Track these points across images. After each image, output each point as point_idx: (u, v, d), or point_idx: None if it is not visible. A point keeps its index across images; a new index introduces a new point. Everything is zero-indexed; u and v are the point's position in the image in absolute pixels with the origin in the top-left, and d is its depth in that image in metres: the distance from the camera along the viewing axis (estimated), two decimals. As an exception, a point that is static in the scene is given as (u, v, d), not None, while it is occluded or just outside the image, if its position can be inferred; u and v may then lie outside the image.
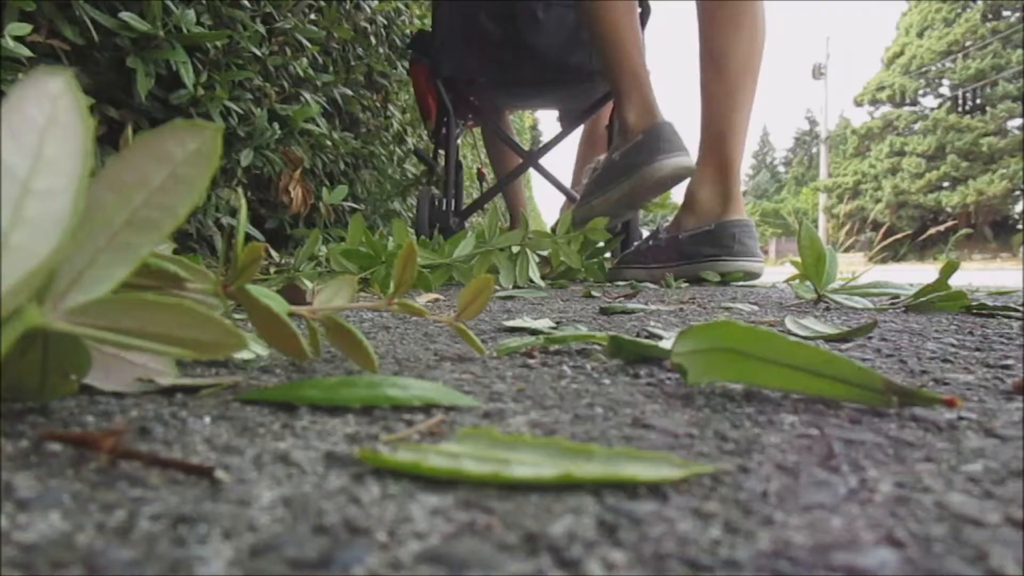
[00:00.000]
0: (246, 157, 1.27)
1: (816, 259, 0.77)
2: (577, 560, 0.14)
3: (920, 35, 19.82)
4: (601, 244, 1.50)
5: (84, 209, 0.21)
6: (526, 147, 2.63)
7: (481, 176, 2.72)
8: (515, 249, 1.20)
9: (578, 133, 2.39)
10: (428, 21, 2.08)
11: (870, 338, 0.50)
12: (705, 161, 1.40)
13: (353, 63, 1.81)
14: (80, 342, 0.24)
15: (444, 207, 1.89)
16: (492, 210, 1.28)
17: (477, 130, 2.72)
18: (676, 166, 1.35)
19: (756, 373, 0.28)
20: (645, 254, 1.47)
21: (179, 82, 1.00)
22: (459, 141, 2.29)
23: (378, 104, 2.08)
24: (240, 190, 1.27)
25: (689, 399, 0.29)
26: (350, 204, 1.78)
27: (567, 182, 2.49)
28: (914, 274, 2.91)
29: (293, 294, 0.54)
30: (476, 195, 2.59)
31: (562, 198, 2.39)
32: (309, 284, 0.79)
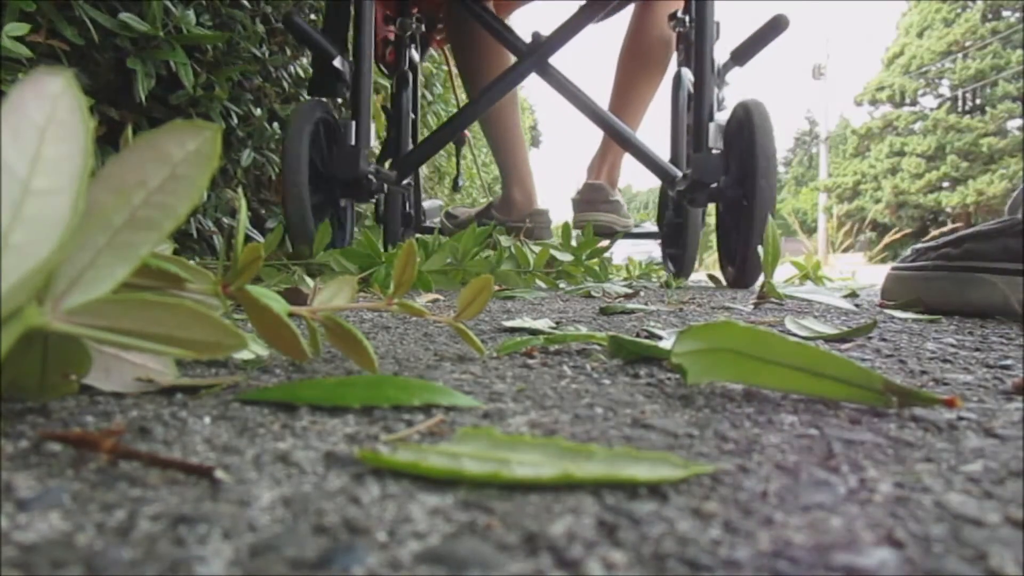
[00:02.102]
0: (246, 158, 1.27)
1: (773, 259, 0.79)
2: (577, 560, 0.14)
3: (920, 35, 19.82)
4: (605, 243, 1.40)
5: (84, 209, 0.21)
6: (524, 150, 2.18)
7: (460, 138, 1.89)
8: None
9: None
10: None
11: (870, 338, 0.50)
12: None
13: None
14: (80, 342, 0.24)
15: (352, 142, 1.12)
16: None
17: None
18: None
19: (756, 373, 0.28)
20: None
21: (179, 82, 1.00)
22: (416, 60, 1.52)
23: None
24: (240, 190, 1.27)
25: (689, 399, 0.29)
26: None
27: (576, 175, 2.04)
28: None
29: (294, 295, 0.54)
30: (456, 172, 1.90)
31: (580, 169, 1.75)
32: (311, 281, 0.79)
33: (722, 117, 1.21)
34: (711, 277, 1.39)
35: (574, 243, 1.31)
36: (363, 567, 0.14)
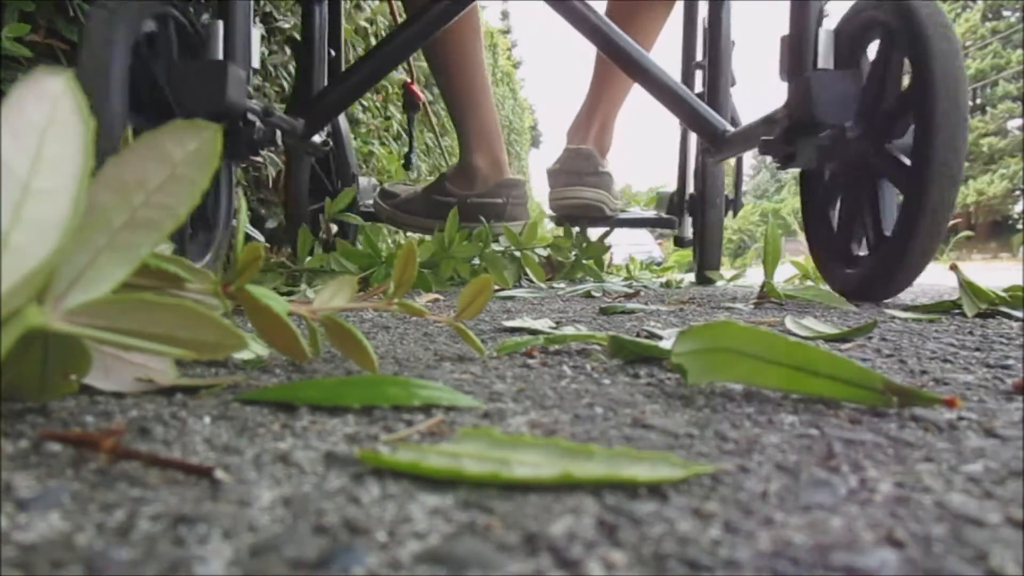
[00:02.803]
0: (246, 157, 1.26)
1: (773, 259, 0.79)
2: (577, 560, 0.14)
3: (920, 35, 19.81)
4: (605, 243, 1.34)
5: (84, 209, 0.21)
6: (524, 154, 1.74)
7: (412, 103, 1.44)
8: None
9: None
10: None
11: (870, 338, 0.50)
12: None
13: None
14: (80, 342, 0.24)
15: (217, 55, 0.72)
16: (452, 218, 1.00)
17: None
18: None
19: (756, 373, 0.28)
20: None
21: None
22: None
23: (378, 104, 2.05)
24: (239, 190, 1.27)
25: (689, 399, 0.29)
26: None
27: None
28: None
29: None
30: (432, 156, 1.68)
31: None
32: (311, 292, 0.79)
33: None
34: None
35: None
36: (363, 567, 0.14)
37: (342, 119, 1.27)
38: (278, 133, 0.82)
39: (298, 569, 0.14)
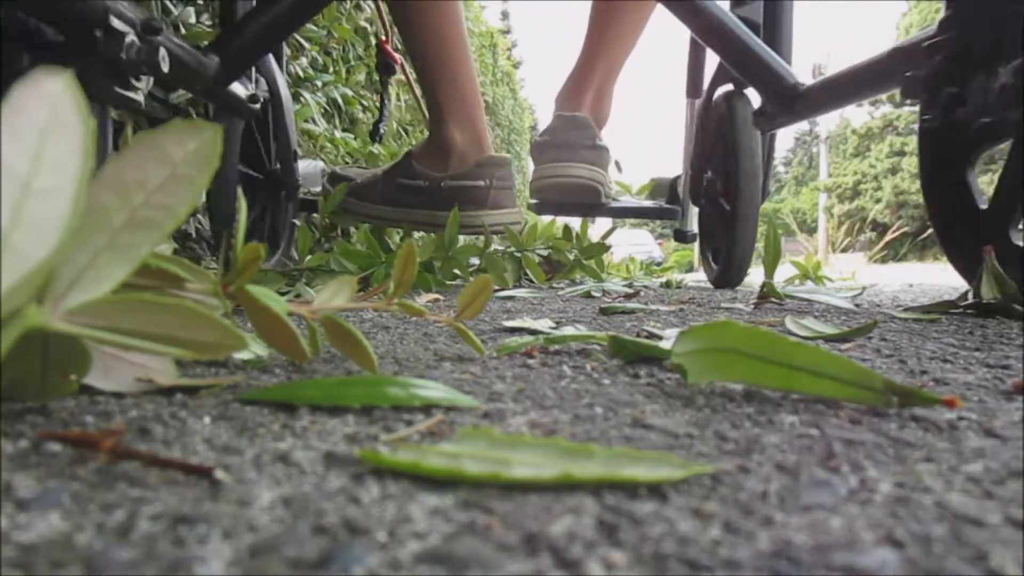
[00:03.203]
0: (246, 157, 1.26)
1: (773, 259, 0.79)
2: (577, 560, 0.14)
3: (920, 35, 19.79)
4: (606, 243, 1.28)
5: (84, 209, 0.21)
6: (524, 154, 1.22)
7: (387, 65, 1.26)
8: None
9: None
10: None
11: (870, 338, 0.50)
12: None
13: (353, 63, 1.81)
14: (80, 342, 0.24)
15: None
16: (453, 219, 0.95)
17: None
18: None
19: (756, 373, 0.28)
20: None
21: (179, 82, 1.00)
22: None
23: (378, 104, 2.04)
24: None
25: (689, 399, 0.29)
26: None
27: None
28: (912, 274, 2.91)
29: None
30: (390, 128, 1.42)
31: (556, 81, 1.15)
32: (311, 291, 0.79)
33: None
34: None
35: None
36: (363, 567, 0.14)
37: (282, 84, 1.00)
38: (163, 54, 0.56)
39: (298, 569, 0.14)
